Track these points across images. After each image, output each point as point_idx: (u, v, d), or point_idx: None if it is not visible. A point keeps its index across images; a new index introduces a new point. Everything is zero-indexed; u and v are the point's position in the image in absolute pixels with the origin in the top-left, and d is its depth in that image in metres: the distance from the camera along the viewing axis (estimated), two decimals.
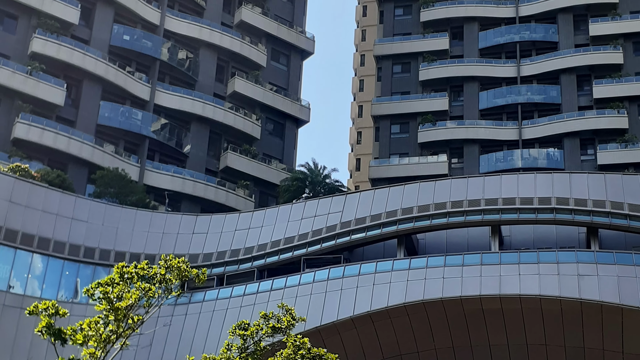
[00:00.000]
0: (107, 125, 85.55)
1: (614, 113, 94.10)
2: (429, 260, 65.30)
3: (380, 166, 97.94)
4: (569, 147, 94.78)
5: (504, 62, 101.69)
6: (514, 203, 67.62)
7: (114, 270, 40.88)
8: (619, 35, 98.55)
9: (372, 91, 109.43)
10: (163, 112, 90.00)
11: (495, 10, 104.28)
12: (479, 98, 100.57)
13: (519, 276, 62.80)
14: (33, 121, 79.58)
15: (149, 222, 72.09)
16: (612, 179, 69.12)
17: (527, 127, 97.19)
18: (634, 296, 60.98)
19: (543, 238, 69.02)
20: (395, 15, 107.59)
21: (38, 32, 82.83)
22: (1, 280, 64.48)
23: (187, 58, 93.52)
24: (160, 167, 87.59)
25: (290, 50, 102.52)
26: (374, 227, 68.49)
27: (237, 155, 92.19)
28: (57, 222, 68.45)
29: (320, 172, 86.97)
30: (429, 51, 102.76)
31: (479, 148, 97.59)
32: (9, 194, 67.09)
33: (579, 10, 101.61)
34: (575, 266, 62.94)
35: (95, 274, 67.19)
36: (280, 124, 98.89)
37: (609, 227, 66.35)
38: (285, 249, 69.51)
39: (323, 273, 66.33)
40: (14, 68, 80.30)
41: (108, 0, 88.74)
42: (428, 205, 68.61)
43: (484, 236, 68.84)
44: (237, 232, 71.78)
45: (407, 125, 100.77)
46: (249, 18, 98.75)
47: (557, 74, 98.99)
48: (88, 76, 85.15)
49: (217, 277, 68.85)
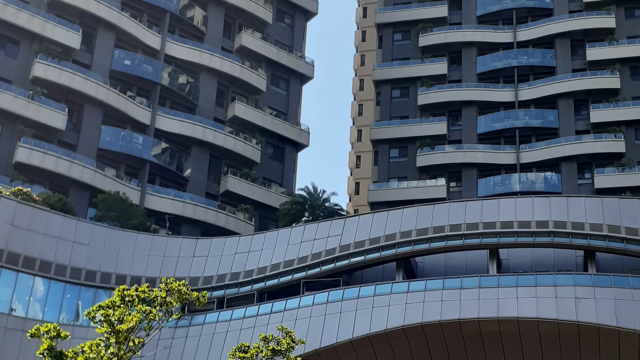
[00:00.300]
0: (108, 149, 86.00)
1: (611, 137, 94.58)
2: (427, 283, 65.69)
3: (379, 190, 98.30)
4: (566, 171, 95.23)
5: (502, 86, 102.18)
6: (512, 226, 68.05)
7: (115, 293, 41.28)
8: (616, 60, 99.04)
9: (371, 115, 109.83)
10: (164, 136, 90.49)
11: (493, 35, 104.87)
12: (477, 122, 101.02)
13: (517, 299, 63.20)
14: (35, 145, 79.94)
15: (149, 245, 72.49)
16: (609, 203, 69.54)
17: (525, 151, 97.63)
18: (630, 319, 61.37)
19: (541, 261, 69.36)
20: (394, 40, 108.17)
21: (40, 57, 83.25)
22: (3, 303, 64.86)
23: (188, 83, 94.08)
24: (161, 190, 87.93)
25: (290, 75, 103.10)
26: (373, 250, 68.89)
27: (237, 179, 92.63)
28: (59, 245, 68.87)
29: (320, 196, 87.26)
30: (428, 76, 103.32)
31: (477, 172, 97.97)
32: (11, 217, 67.54)
33: (576, 35, 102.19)
34: (573, 289, 63.37)
35: (96, 296, 67.54)
36: (280, 148, 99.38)
37: (606, 251, 66.78)
38: (285, 272, 69.88)
39: (322, 296, 66.73)
40: (16, 92, 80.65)
41: (109, 26, 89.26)
42: (427, 228, 69.02)
43: (482, 259, 69.18)
44: (237, 255, 72.17)
45: (406, 149, 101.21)
46: (249, 43, 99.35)
47: (555, 98, 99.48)
48: (89, 101, 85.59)
49: (218, 300, 69.23)
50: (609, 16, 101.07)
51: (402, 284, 66.27)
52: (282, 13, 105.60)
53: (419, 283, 66.08)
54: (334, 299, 66.21)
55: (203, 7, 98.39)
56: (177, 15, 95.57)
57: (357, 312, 64.87)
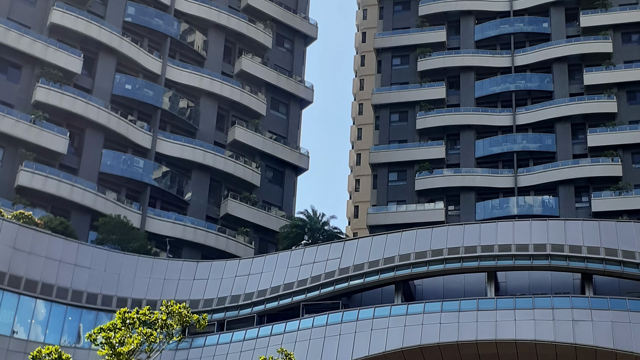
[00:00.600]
0: (109, 173, 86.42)
1: (608, 161, 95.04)
2: (426, 306, 66.13)
3: (378, 213, 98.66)
4: (563, 195, 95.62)
5: (499, 110, 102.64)
6: (510, 250, 68.47)
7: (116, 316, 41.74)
8: (613, 84, 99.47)
9: (370, 139, 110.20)
10: (164, 160, 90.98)
11: (491, 59, 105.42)
12: (475, 146, 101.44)
13: (515, 321, 63.63)
14: (36, 169, 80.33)
15: (150, 268, 72.93)
16: (606, 226, 69.99)
17: (523, 175, 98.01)
18: (627, 341, 61.80)
19: (538, 284, 69.77)
20: (393, 65, 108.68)
21: (41, 81, 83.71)
22: (5, 326, 65.27)
23: (188, 107, 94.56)
24: (161, 214, 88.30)
25: (290, 99, 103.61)
26: (372, 273, 69.29)
27: (237, 203, 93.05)
28: (60, 268, 69.32)
29: (319, 219, 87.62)
30: (426, 100, 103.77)
31: (475, 195, 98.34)
32: (12, 240, 68.03)
33: (573, 59, 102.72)
34: (570, 312, 63.80)
35: (97, 319, 67.94)
36: (279, 172, 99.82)
37: (603, 273, 67.22)
38: (285, 294, 70.28)
39: (322, 318, 67.12)
40: (18, 117, 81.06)
41: (110, 50, 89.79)
42: (425, 251, 69.44)
43: (480, 282, 69.61)
44: (237, 278, 72.57)
45: (405, 173, 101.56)
46: (249, 67, 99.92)
47: (552, 122, 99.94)
48: (91, 125, 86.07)
49: (218, 322, 69.60)
50: (606, 41, 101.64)
51: (401, 307, 66.68)
52: (282, 38, 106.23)
53: (417, 306, 66.53)
54: (333, 321, 66.63)
55: (203, 32, 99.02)
56: (177, 40, 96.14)
57: (356, 335, 65.25)
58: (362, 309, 67.36)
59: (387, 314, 65.88)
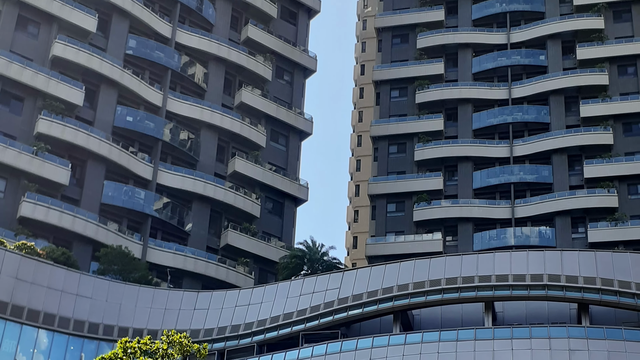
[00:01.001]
0: (110, 204, 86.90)
1: (604, 192, 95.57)
2: (424, 336, 66.69)
3: (376, 244, 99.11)
4: (560, 226, 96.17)
5: (497, 142, 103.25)
6: (507, 280, 69.05)
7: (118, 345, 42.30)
8: (609, 116, 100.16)
9: (369, 171, 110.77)
10: (165, 191, 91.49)
11: (489, 92, 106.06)
12: (472, 178, 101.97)
13: (512, 351, 64.12)
14: (39, 200, 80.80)
15: (151, 298, 73.47)
16: (602, 257, 70.69)
17: (520, 206, 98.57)
18: None
19: (535, 314, 70.32)
20: (391, 97, 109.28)
21: (43, 113, 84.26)
22: (7, 355, 65.58)
23: (189, 138, 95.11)
24: (162, 244, 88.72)
25: (289, 131, 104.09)
26: (370, 303, 69.86)
27: (237, 234, 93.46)
28: (62, 298, 69.87)
29: (318, 250, 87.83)
30: (424, 132, 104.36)
31: (472, 226, 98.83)
32: (15, 271, 68.64)
33: (570, 92, 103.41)
34: (567, 341, 64.29)
35: (99, 349, 68.40)
36: (279, 203, 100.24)
37: (599, 303, 67.85)
38: (284, 324, 70.80)
39: (321, 348, 67.50)
40: (20, 148, 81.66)
41: (112, 83, 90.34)
42: (423, 282, 70.06)
43: (477, 312, 70.18)
44: (237, 308, 73.07)
45: (403, 204, 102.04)
46: (248, 100, 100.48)
47: (549, 154, 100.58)
48: (92, 156, 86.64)
49: (218, 352, 70.12)
50: (602, 73, 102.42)
51: (399, 336, 67.20)
52: (282, 70, 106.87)
53: (415, 335, 67.09)
54: (332, 350, 67.04)
55: (204, 64, 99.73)
56: (178, 73, 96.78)
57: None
58: (360, 339, 67.85)
59: (386, 344, 66.38)
